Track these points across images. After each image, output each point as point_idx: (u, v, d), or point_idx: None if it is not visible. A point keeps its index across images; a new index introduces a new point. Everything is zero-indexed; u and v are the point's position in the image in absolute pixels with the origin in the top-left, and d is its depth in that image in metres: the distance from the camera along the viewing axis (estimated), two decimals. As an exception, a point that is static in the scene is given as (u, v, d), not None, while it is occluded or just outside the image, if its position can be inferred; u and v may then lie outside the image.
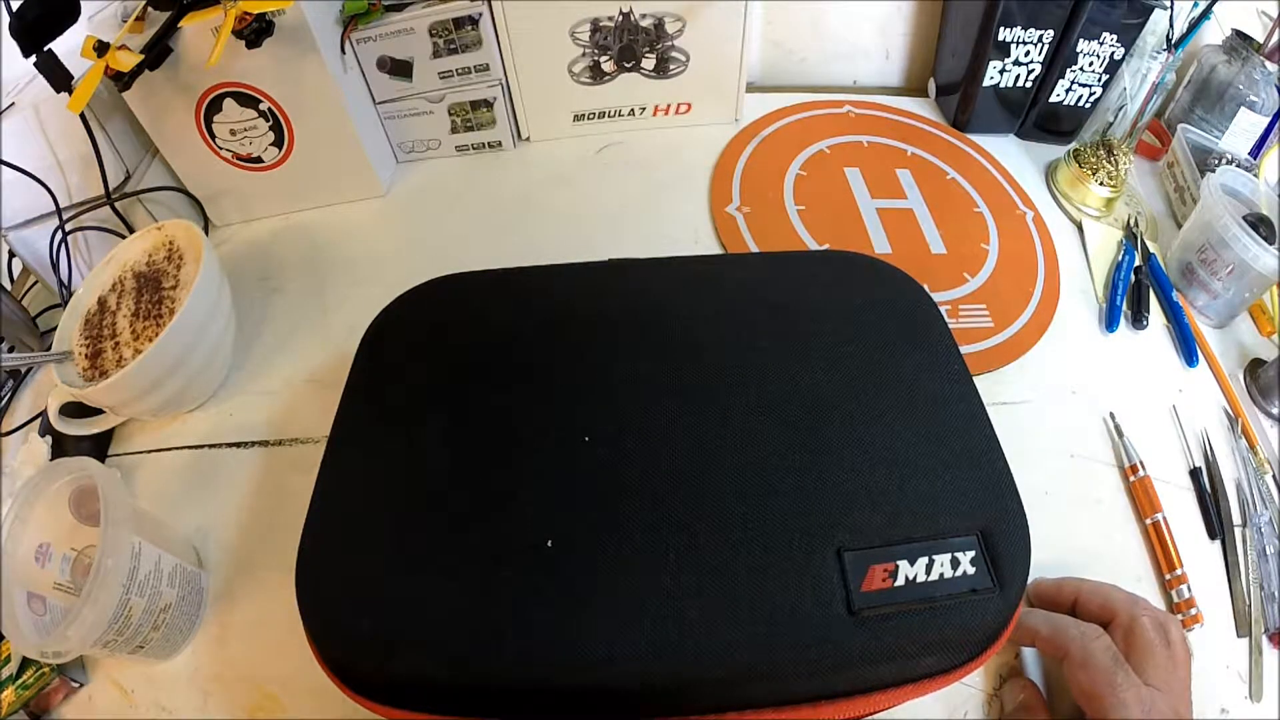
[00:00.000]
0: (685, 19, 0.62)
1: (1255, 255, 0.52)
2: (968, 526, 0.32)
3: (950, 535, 0.32)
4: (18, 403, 0.55)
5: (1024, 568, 0.31)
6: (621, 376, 0.37)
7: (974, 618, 0.30)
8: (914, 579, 0.30)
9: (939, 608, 0.30)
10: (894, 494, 0.33)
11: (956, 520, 0.32)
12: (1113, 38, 0.62)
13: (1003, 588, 0.31)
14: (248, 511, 0.47)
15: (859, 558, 0.31)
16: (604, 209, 0.64)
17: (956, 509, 0.33)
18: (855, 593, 0.30)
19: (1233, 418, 0.51)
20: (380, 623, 0.30)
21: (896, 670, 0.30)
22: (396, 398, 0.38)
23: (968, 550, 0.31)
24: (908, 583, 0.30)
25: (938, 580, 0.30)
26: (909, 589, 0.30)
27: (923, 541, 0.31)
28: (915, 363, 0.38)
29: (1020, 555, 0.32)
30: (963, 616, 0.30)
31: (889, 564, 0.31)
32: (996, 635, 0.31)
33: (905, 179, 0.66)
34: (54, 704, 0.40)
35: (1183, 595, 0.43)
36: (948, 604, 0.30)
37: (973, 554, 0.31)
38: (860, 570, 0.31)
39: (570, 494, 0.33)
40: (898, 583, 0.30)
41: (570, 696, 0.30)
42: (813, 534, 0.32)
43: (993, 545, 0.31)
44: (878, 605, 0.30)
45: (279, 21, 0.51)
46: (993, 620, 0.30)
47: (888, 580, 0.30)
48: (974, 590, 0.30)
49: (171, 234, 0.52)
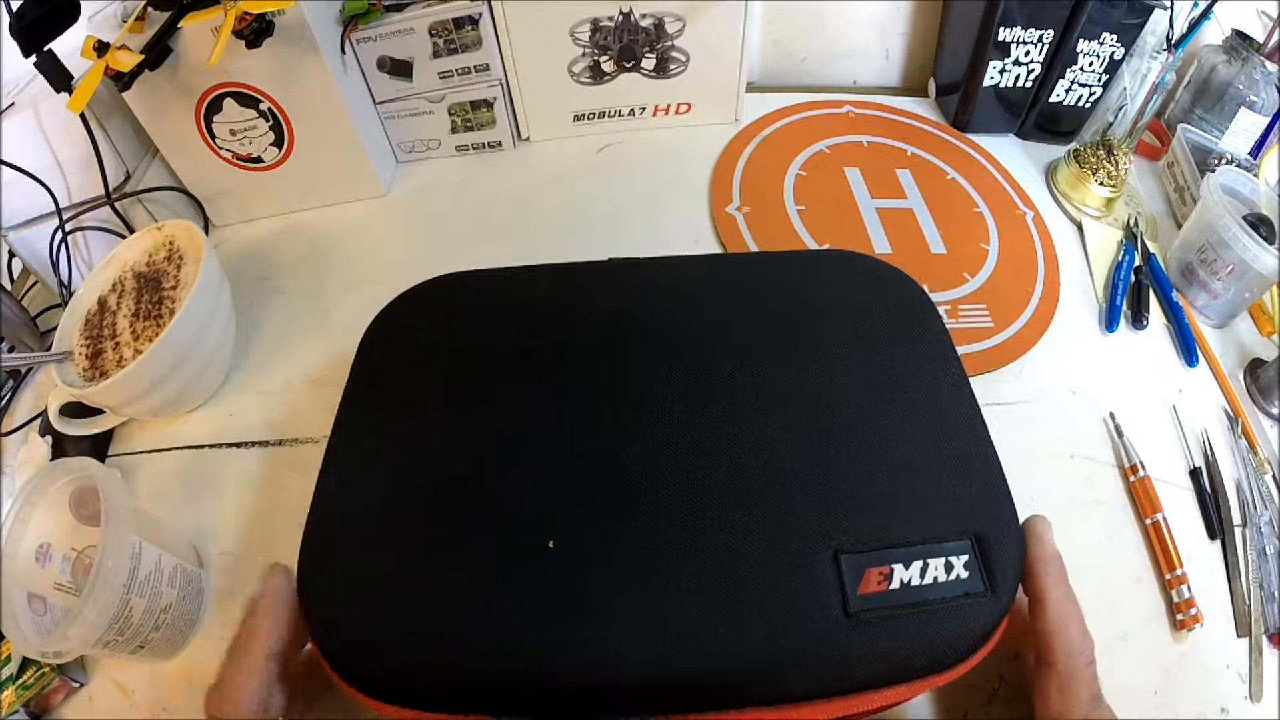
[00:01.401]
0: (685, 19, 0.62)
1: (1255, 255, 0.52)
2: (961, 531, 0.32)
3: (944, 539, 0.32)
4: (18, 403, 0.54)
5: (1015, 572, 0.32)
6: (622, 376, 0.38)
7: (967, 621, 0.30)
8: (909, 582, 0.31)
9: (932, 611, 0.30)
10: (891, 497, 0.33)
11: (951, 524, 0.32)
12: (1113, 38, 0.62)
13: (995, 591, 0.31)
14: (248, 511, 0.47)
15: (856, 561, 0.31)
16: (604, 209, 0.64)
17: (951, 513, 0.33)
18: (852, 595, 0.30)
19: (1233, 418, 0.51)
20: (384, 622, 0.30)
21: (891, 671, 0.30)
22: (397, 397, 0.38)
23: (961, 555, 0.31)
24: (903, 586, 0.31)
25: (932, 584, 0.31)
26: (904, 592, 0.31)
27: (918, 545, 0.32)
28: (914, 365, 0.38)
29: (1012, 560, 0.32)
30: (956, 620, 0.30)
31: (884, 567, 0.31)
32: (988, 638, 0.31)
33: (905, 179, 0.66)
34: (54, 704, 0.40)
35: (1183, 595, 0.43)
36: (941, 607, 0.30)
37: (966, 558, 0.31)
38: (856, 573, 0.31)
39: (571, 494, 0.33)
40: (893, 586, 0.31)
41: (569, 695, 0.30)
42: (811, 537, 0.32)
43: (986, 550, 0.32)
44: (873, 608, 0.30)
45: (279, 21, 0.51)
46: (985, 623, 0.31)
47: (883, 583, 0.31)
48: (967, 594, 0.31)
49: (171, 234, 0.52)
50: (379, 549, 0.33)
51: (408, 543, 0.33)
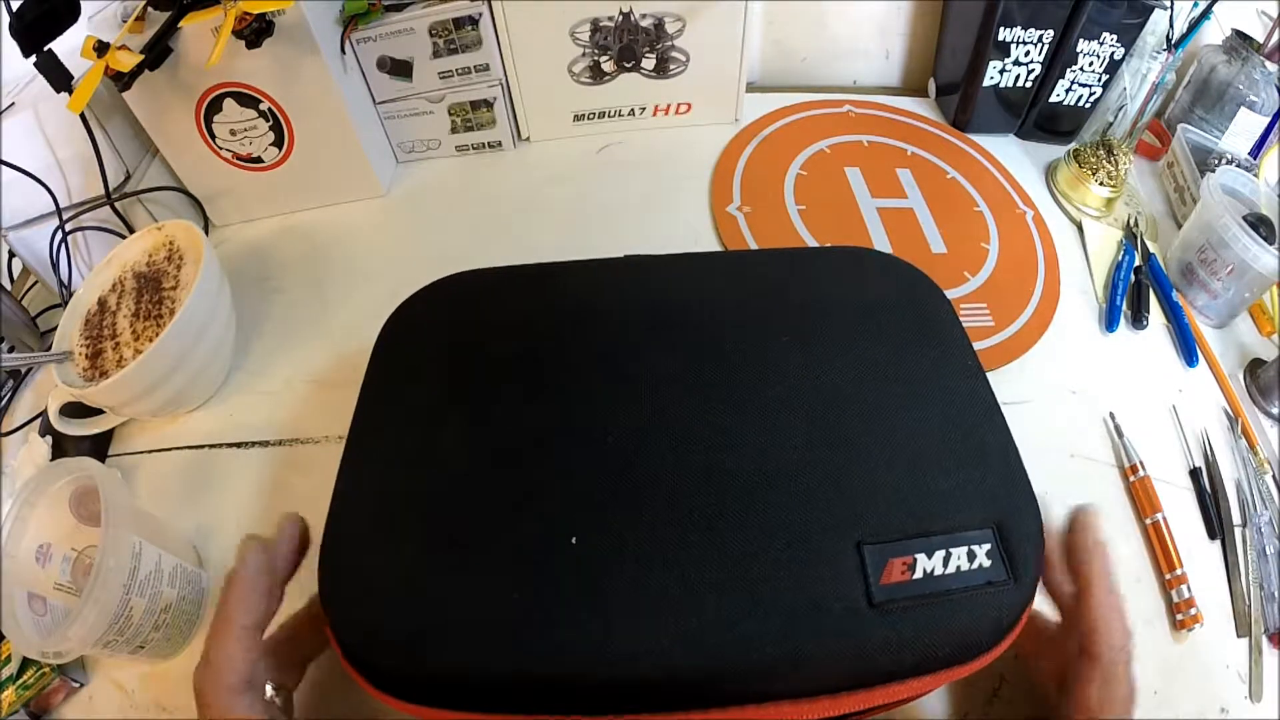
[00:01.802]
0: (685, 19, 0.62)
1: (1255, 255, 0.52)
2: (983, 520, 0.32)
3: (966, 529, 0.32)
4: (18, 403, 0.55)
5: (1038, 560, 0.32)
6: (641, 372, 0.38)
7: (990, 609, 0.30)
8: (932, 572, 0.31)
9: (956, 600, 0.30)
10: (912, 488, 0.33)
11: (972, 514, 0.33)
12: (1113, 38, 0.62)
13: (1017, 580, 0.31)
14: (248, 511, 0.47)
15: (878, 551, 0.31)
16: (604, 209, 0.64)
17: (972, 502, 0.33)
18: (875, 586, 0.30)
19: (1233, 418, 0.51)
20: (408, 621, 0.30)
21: (916, 661, 0.30)
22: (416, 394, 0.38)
23: (983, 543, 0.32)
24: (926, 575, 0.31)
25: (955, 573, 0.31)
26: (927, 581, 0.31)
27: (940, 535, 0.32)
28: (930, 358, 0.38)
29: (1034, 548, 0.32)
30: (980, 608, 0.30)
31: (907, 557, 0.31)
32: (1012, 626, 0.31)
33: (905, 178, 0.66)
34: (54, 704, 0.40)
35: (1182, 595, 0.43)
36: (964, 596, 0.30)
37: (988, 547, 0.31)
38: (880, 563, 0.31)
39: (592, 490, 0.33)
40: (916, 575, 0.31)
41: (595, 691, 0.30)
42: (833, 528, 0.32)
43: (1007, 538, 0.32)
44: (897, 598, 0.30)
45: (279, 21, 0.51)
46: (1009, 611, 0.31)
47: (906, 573, 0.31)
48: (990, 582, 0.31)
49: (171, 234, 0.52)
50: (403, 546, 0.33)
51: (432, 540, 0.33)
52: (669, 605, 0.30)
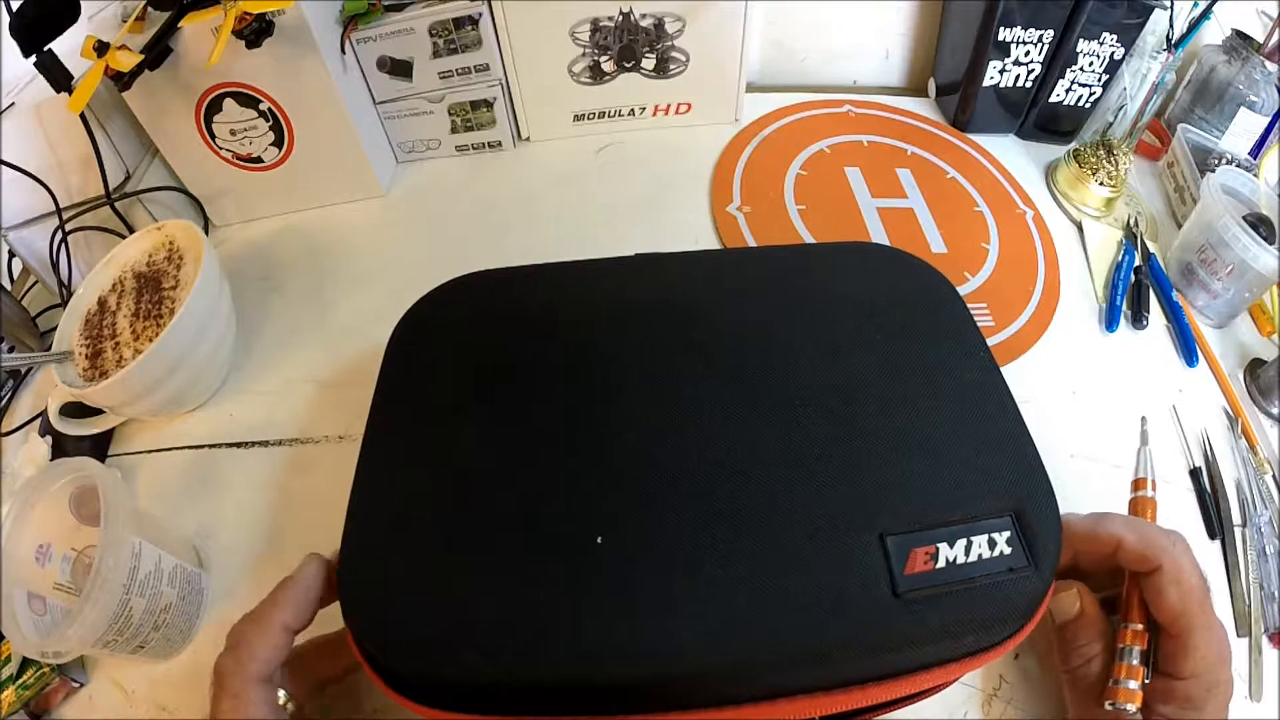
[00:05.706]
0: (685, 19, 0.62)
1: (1255, 255, 0.52)
2: (1002, 508, 0.33)
3: (986, 517, 0.32)
4: (18, 403, 0.55)
5: (1056, 545, 0.32)
6: (659, 370, 0.38)
7: (1012, 595, 0.31)
8: (954, 560, 0.31)
9: (978, 587, 0.31)
10: (931, 478, 0.34)
11: (991, 502, 0.33)
12: (1113, 38, 0.62)
13: (1037, 565, 0.31)
14: (248, 511, 0.47)
15: (901, 542, 0.31)
16: (604, 209, 0.64)
17: (991, 491, 0.33)
18: (899, 576, 0.31)
19: (1233, 418, 0.51)
20: (431, 625, 0.30)
21: (941, 649, 0.30)
22: (433, 396, 0.38)
23: (1003, 531, 0.32)
24: (948, 564, 0.31)
25: (976, 561, 0.31)
26: (950, 570, 0.31)
27: (961, 524, 0.32)
28: (945, 350, 0.39)
29: (1052, 533, 0.32)
30: (1002, 594, 0.31)
31: (930, 547, 0.31)
32: (1034, 611, 0.31)
33: (905, 178, 0.66)
34: (54, 704, 0.40)
35: (1183, 595, 0.42)
36: (987, 583, 0.31)
37: (1008, 534, 0.32)
38: (903, 554, 0.31)
39: (614, 489, 0.33)
40: (939, 565, 0.31)
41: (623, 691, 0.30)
42: (855, 520, 0.32)
43: (1026, 525, 0.32)
44: (921, 587, 0.30)
45: (279, 21, 0.51)
46: (1030, 596, 0.31)
47: (929, 563, 0.31)
48: (1011, 569, 0.31)
49: (171, 234, 0.52)
50: (425, 548, 0.32)
51: (455, 542, 0.32)
52: (696, 603, 0.30)
